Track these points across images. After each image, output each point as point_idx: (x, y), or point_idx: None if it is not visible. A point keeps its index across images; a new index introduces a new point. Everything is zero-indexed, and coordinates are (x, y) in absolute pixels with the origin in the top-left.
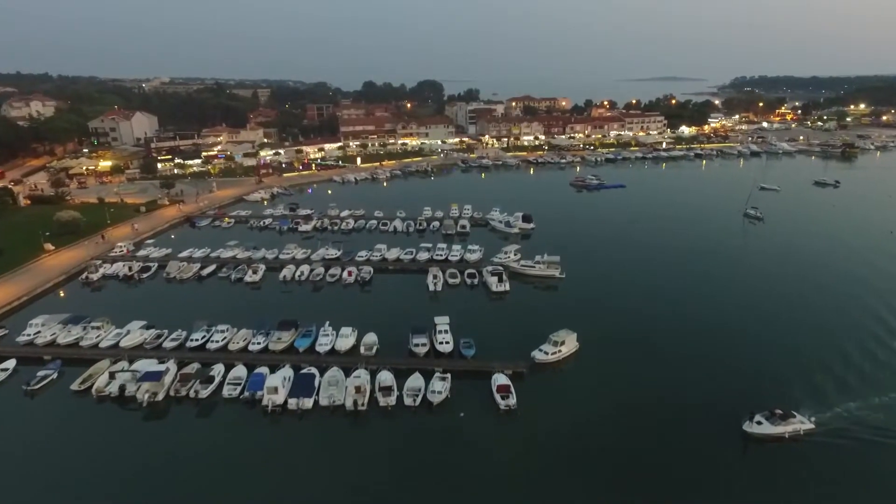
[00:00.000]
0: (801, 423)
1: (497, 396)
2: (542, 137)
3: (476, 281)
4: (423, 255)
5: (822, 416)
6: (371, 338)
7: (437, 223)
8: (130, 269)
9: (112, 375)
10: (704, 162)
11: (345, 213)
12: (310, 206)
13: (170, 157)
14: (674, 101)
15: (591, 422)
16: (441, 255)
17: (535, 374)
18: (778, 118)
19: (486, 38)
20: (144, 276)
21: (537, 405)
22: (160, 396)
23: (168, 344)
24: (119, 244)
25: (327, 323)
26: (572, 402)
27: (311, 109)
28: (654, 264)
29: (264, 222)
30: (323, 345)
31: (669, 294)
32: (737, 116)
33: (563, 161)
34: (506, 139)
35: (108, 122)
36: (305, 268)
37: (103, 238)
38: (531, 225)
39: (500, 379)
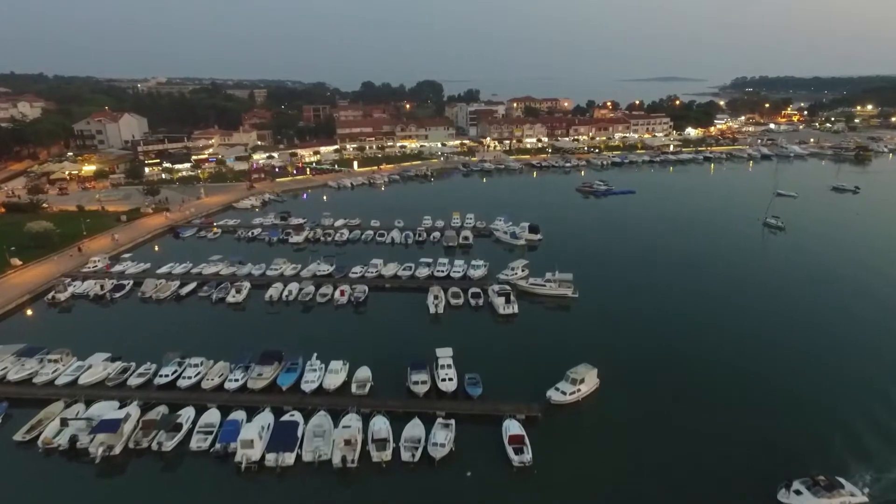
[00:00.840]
0: (850, 496)
1: (509, 450)
2: (546, 140)
3: (481, 301)
4: (423, 272)
5: (877, 486)
6: (364, 373)
7: (437, 234)
8: (102, 287)
9: (64, 422)
10: (713, 165)
11: (339, 223)
12: (302, 215)
13: (158, 160)
14: (678, 102)
15: (614, 479)
16: (442, 272)
17: (551, 417)
18: (784, 119)
19: (484, 37)
20: (118, 295)
21: (555, 457)
22: (117, 450)
23: (133, 381)
24: (94, 258)
25: (315, 355)
26: (593, 454)
27: (307, 111)
28: (673, 281)
29: (253, 233)
30: (309, 382)
31: (693, 318)
32: (743, 118)
33: (568, 165)
34: (508, 141)
35: (94, 125)
36: (294, 286)
37: (80, 250)
38: (538, 236)
39: (512, 427)
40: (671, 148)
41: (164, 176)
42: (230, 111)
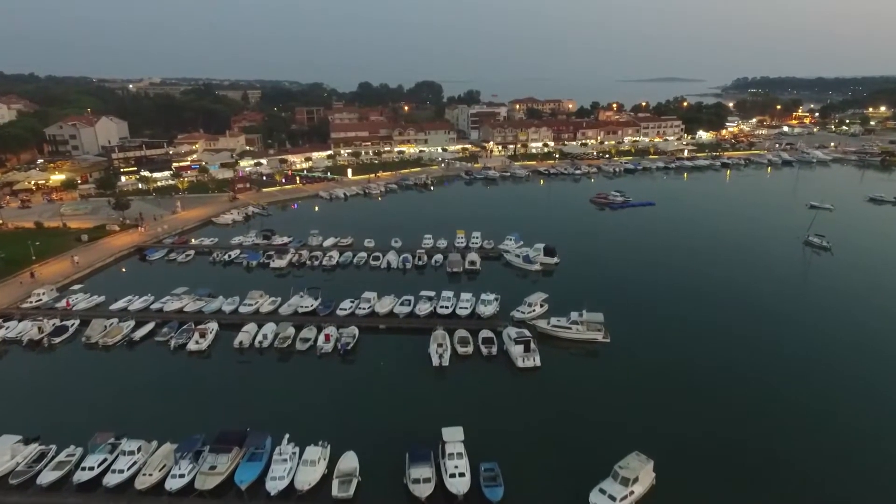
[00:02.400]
0: None
1: None
2: (552, 144)
3: (494, 349)
4: (424, 307)
5: None
6: (349, 462)
7: (440, 256)
8: (41, 329)
9: None
10: (729, 172)
11: (328, 242)
12: (288, 232)
13: (135, 169)
14: (685, 104)
15: None
16: (447, 307)
17: None
18: (796, 122)
19: (482, 37)
20: (58, 340)
21: None
22: None
23: (47, 476)
24: (37, 290)
25: (286, 438)
26: None
27: (300, 113)
28: (714, 317)
29: (230, 255)
30: (277, 478)
31: (746, 368)
32: (754, 120)
33: (578, 172)
34: (512, 146)
35: (66, 129)
36: (270, 328)
37: (32, 276)
38: (555, 259)
39: None
40: (686, 153)
41: (140, 186)
42: (219, 114)
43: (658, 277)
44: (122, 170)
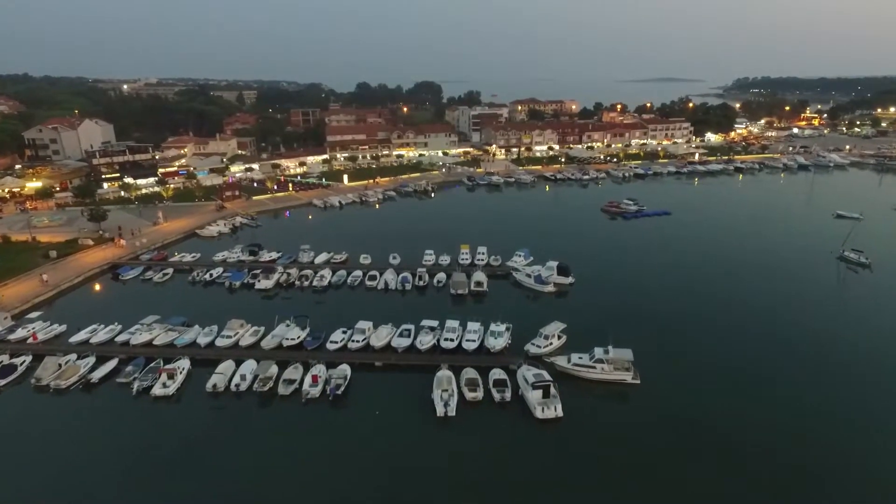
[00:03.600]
0: None
1: None
2: (557, 147)
3: (507, 394)
4: (426, 340)
5: None
6: None
7: (442, 275)
8: None
9: None
10: (741, 176)
11: (321, 259)
12: (277, 246)
13: (118, 175)
14: (691, 105)
15: None
16: (451, 340)
17: None
18: (804, 123)
19: (479, 36)
20: (3, 382)
21: None
22: None
23: None
24: None
25: None
26: None
27: (295, 115)
28: (753, 353)
29: (212, 274)
30: None
31: (794, 418)
32: (763, 121)
33: (586, 177)
34: (516, 149)
35: (46, 133)
36: (249, 367)
37: None
38: (569, 279)
39: None
40: (697, 157)
41: (122, 194)
42: (211, 115)
43: (683, 301)
44: (103, 176)
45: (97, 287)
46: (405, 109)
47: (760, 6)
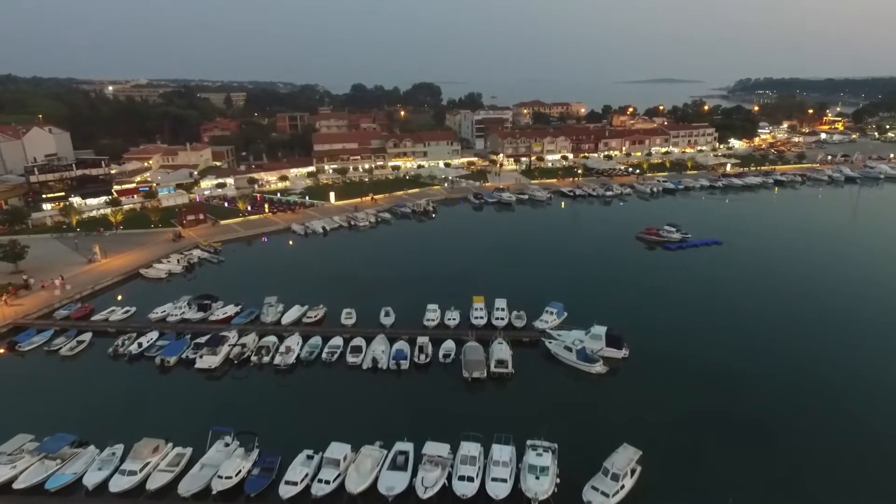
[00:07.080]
0: None
1: None
2: (571, 156)
3: None
4: (430, 479)
5: None
6: None
7: (450, 344)
8: None
9: None
10: (777, 189)
11: (290, 316)
12: (237, 294)
13: (63, 194)
14: (706, 108)
15: None
16: (471, 479)
17: None
18: (827, 127)
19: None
20: None
21: None
22: None
23: None
24: None
25: None
26: None
27: (281, 119)
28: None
29: (141, 343)
30: None
31: None
32: (785, 125)
33: (609, 193)
34: (525, 159)
35: None
36: None
37: None
38: (623, 353)
39: None
40: (728, 167)
41: (61, 218)
42: (188, 120)
43: (772, 381)
44: (44, 196)
45: None
46: (402, 113)
47: (759, 6)
